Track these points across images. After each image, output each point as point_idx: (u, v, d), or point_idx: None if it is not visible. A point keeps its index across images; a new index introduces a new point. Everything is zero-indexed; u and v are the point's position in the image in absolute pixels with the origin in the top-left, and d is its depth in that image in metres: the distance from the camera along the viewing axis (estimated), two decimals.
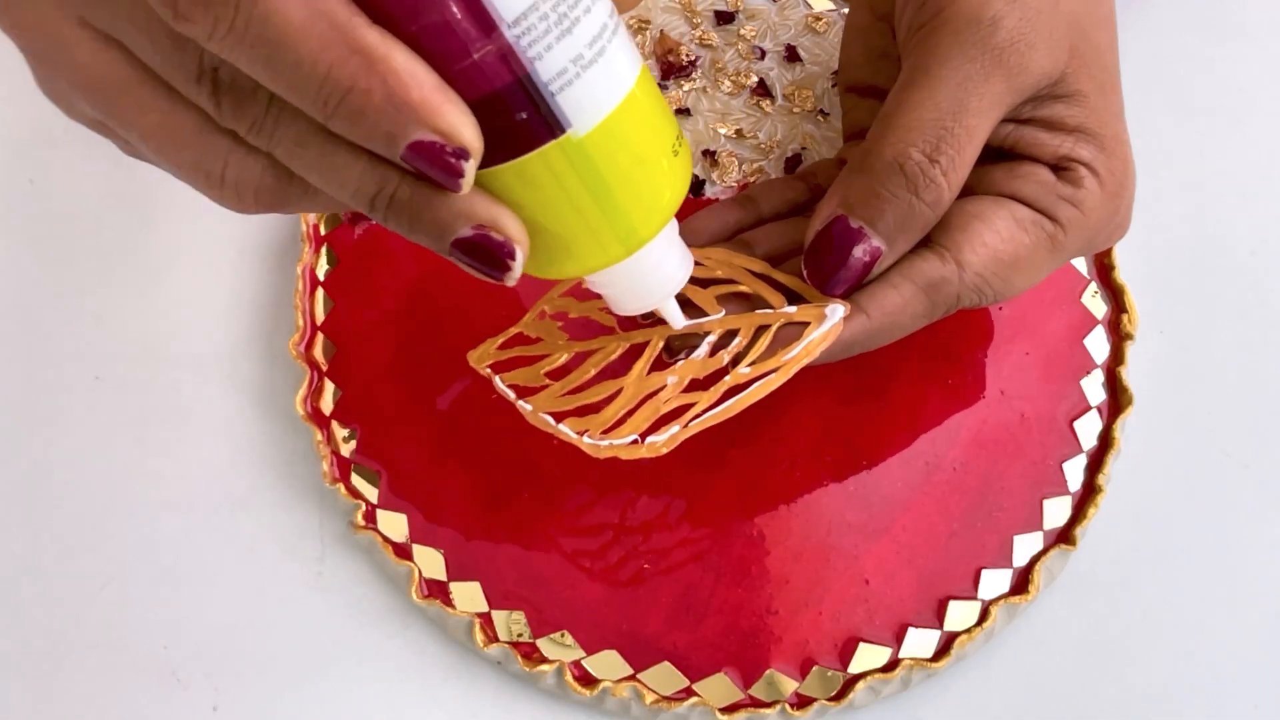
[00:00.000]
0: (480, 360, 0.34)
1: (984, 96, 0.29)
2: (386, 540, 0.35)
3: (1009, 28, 0.29)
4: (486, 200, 0.24)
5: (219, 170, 0.24)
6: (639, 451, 0.30)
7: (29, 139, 0.41)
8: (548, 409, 0.32)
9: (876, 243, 0.30)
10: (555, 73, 0.23)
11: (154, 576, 0.36)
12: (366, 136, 0.22)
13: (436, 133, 0.22)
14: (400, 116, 0.22)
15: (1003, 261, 0.30)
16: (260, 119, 0.23)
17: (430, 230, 0.24)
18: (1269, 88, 0.43)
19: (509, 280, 0.25)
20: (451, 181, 0.23)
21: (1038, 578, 0.34)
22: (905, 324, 0.31)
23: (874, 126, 0.31)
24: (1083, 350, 0.37)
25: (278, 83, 0.22)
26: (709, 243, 0.34)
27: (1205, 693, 0.34)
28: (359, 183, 0.23)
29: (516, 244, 0.24)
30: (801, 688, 0.34)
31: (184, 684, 0.35)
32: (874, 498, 0.35)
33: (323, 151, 0.23)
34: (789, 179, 0.36)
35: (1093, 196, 0.31)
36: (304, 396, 0.36)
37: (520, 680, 0.35)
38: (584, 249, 0.26)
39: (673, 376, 0.31)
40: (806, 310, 0.31)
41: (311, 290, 0.38)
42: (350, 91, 0.22)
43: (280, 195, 0.25)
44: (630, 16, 0.42)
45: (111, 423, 0.38)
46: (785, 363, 0.30)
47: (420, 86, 0.22)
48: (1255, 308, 0.39)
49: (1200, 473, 0.37)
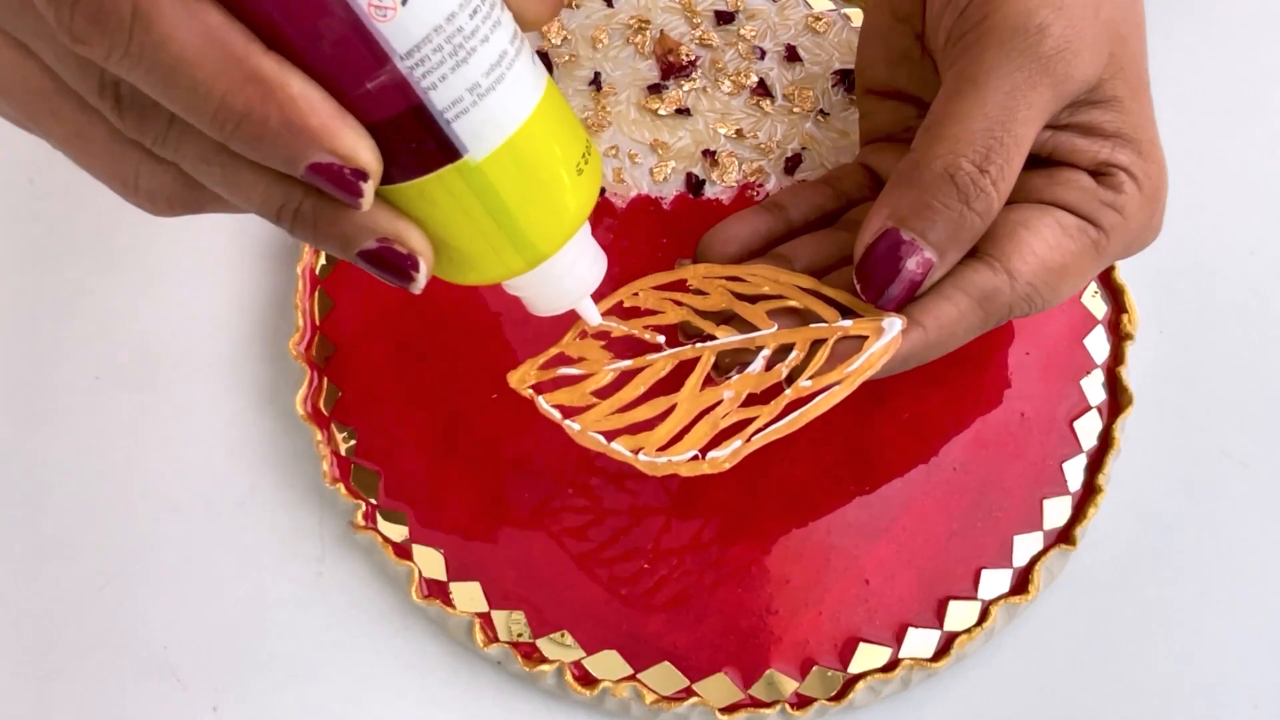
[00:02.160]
0: (521, 382, 0.33)
1: (1032, 106, 0.29)
2: (386, 540, 0.35)
3: (1055, 36, 0.29)
4: (390, 214, 0.25)
5: (132, 179, 0.25)
6: (700, 467, 0.30)
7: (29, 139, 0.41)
8: (596, 428, 0.32)
9: (929, 254, 0.30)
10: (450, 101, 0.23)
11: (154, 576, 0.36)
12: (265, 158, 0.23)
13: (334, 155, 0.22)
14: (298, 140, 0.22)
15: (1051, 270, 0.30)
16: (163, 134, 0.24)
17: (336, 242, 0.25)
18: (1269, 88, 0.43)
19: (414, 289, 0.25)
20: (352, 200, 0.23)
21: (1038, 578, 0.34)
22: (960, 336, 0.31)
23: (919, 136, 0.30)
24: (1083, 350, 0.37)
25: (174, 105, 0.22)
26: (740, 251, 0.34)
27: (1205, 693, 0.34)
28: (264, 197, 0.24)
29: (420, 256, 0.25)
30: (801, 688, 0.34)
31: (184, 684, 0.35)
32: (874, 498, 0.35)
33: (227, 168, 0.24)
34: (814, 184, 0.36)
35: (1133, 201, 0.31)
36: (304, 396, 0.36)
37: (520, 680, 0.35)
38: (486, 263, 0.26)
39: (729, 391, 0.31)
40: (863, 324, 0.30)
41: (311, 290, 0.38)
42: (246, 118, 0.22)
43: (195, 201, 0.25)
44: (630, 16, 0.42)
45: (111, 423, 0.38)
46: (848, 375, 0.29)
47: (317, 112, 0.22)
48: (1255, 308, 0.39)
49: (1200, 473, 0.37)
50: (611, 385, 0.33)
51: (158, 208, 0.26)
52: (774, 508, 0.35)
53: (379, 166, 0.23)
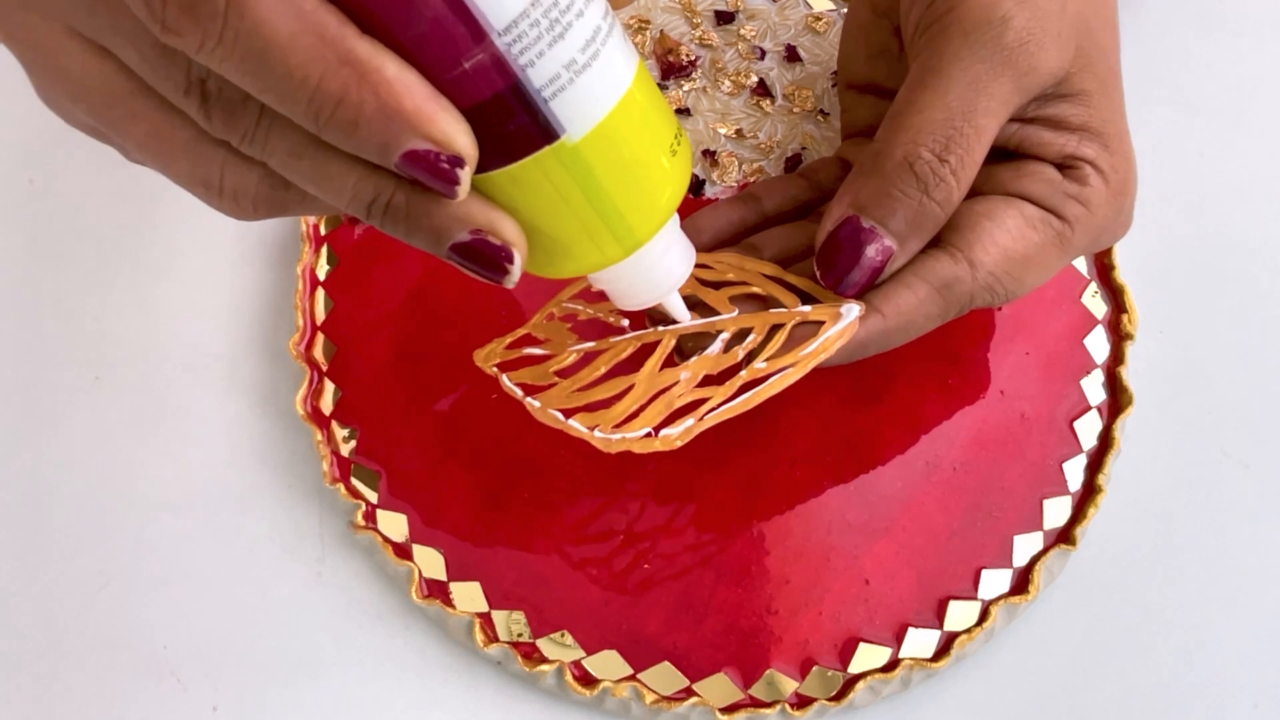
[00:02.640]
0: (487, 360, 0.34)
1: (993, 96, 0.29)
2: (386, 540, 0.35)
3: (1018, 27, 0.29)
4: (483, 205, 0.24)
5: (216, 180, 0.24)
6: (652, 445, 0.30)
7: (29, 139, 0.41)
8: (557, 405, 0.32)
9: (889, 242, 0.30)
10: (548, 79, 0.23)
11: (154, 576, 0.36)
12: (360, 147, 0.22)
13: (430, 141, 0.22)
14: (393, 126, 0.22)
15: (1014, 260, 0.30)
16: (252, 130, 0.23)
17: (428, 236, 0.24)
18: (1269, 88, 0.43)
19: (508, 283, 0.25)
20: (447, 189, 0.23)
21: (1038, 578, 0.34)
22: (919, 324, 0.31)
23: (883, 126, 0.31)
24: (1083, 350, 0.37)
25: (267, 95, 0.22)
26: (713, 241, 0.34)
27: (1205, 692, 0.34)
28: (355, 191, 0.23)
29: (514, 248, 0.24)
30: (801, 688, 0.34)
31: (184, 684, 0.35)
32: (874, 498, 0.35)
33: (317, 161, 0.23)
34: (790, 177, 0.36)
35: (1098, 194, 0.31)
36: (304, 396, 0.36)
37: (520, 680, 0.35)
38: (582, 250, 0.26)
39: (685, 372, 0.31)
40: (821, 310, 0.31)
41: (311, 290, 0.38)
42: (341, 103, 0.21)
43: (279, 202, 0.25)
44: (630, 16, 0.42)
45: (111, 423, 0.38)
46: (801, 358, 0.30)
47: (413, 95, 0.22)
48: (1255, 308, 0.39)
49: (1200, 473, 0.37)
50: (574, 366, 0.33)
51: (242, 210, 0.25)
52: (774, 508, 0.35)
53: (475, 152, 0.23)
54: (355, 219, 0.39)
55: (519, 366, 0.34)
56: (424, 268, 0.38)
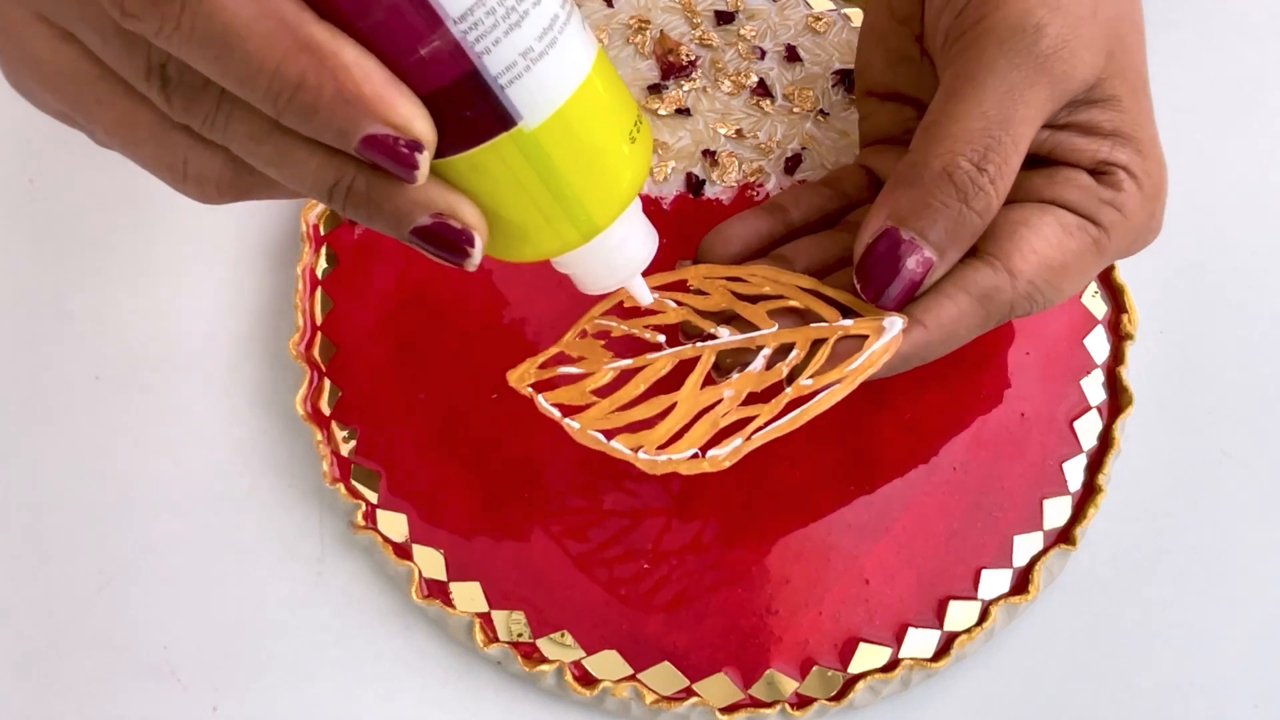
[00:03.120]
0: (521, 380, 0.33)
1: (1030, 104, 0.29)
2: (386, 540, 0.35)
3: (1052, 34, 0.29)
4: (443, 189, 0.24)
5: (180, 165, 0.25)
6: (700, 466, 0.30)
7: (29, 139, 0.41)
8: (596, 426, 0.32)
9: (929, 254, 0.30)
10: (504, 66, 0.23)
11: (154, 576, 0.36)
12: (319, 131, 0.23)
13: (389, 126, 0.22)
14: (352, 111, 0.22)
15: (1053, 268, 0.30)
16: (212, 115, 0.23)
17: (389, 220, 0.24)
18: (1269, 88, 0.43)
19: (469, 265, 0.25)
20: (406, 173, 0.23)
21: (1038, 578, 0.34)
22: (961, 335, 0.31)
23: (918, 136, 0.30)
24: (1083, 350, 0.37)
25: (226, 79, 0.22)
26: (742, 251, 0.34)
27: (1205, 692, 0.34)
28: (316, 176, 0.24)
29: (474, 231, 0.25)
30: (801, 688, 0.34)
31: (184, 684, 0.35)
32: (874, 498, 0.35)
33: (278, 146, 0.23)
34: (815, 185, 0.36)
35: (1133, 199, 0.31)
36: (304, 396, 0.36)
37: (520, 680, 0.35)
38: (540, 236, 0.26)
39: (729, 390, 0.31)
40: (864, 323, 0.30)
41: (311, 290, 0.38)
42: (300, 87, 0.22)
43: (243, 186, 0.25)
44: (630, 16, 0.42)
45: (111, 423, 0.38)
46: (849, 374, 0.29)
47: (371, 81, 0.22)
48: (1255, 308, 0.39)
49: (1200, 473, 0.37)
50: (611, 384, 0.33)
51: (206, 194, 0.25)
52: (774, 508, 0.35)
53: (434, 137, 0.23)
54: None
55: (554, 386, 0.33)
56: (424, 268, 0.38)
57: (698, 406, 0.31)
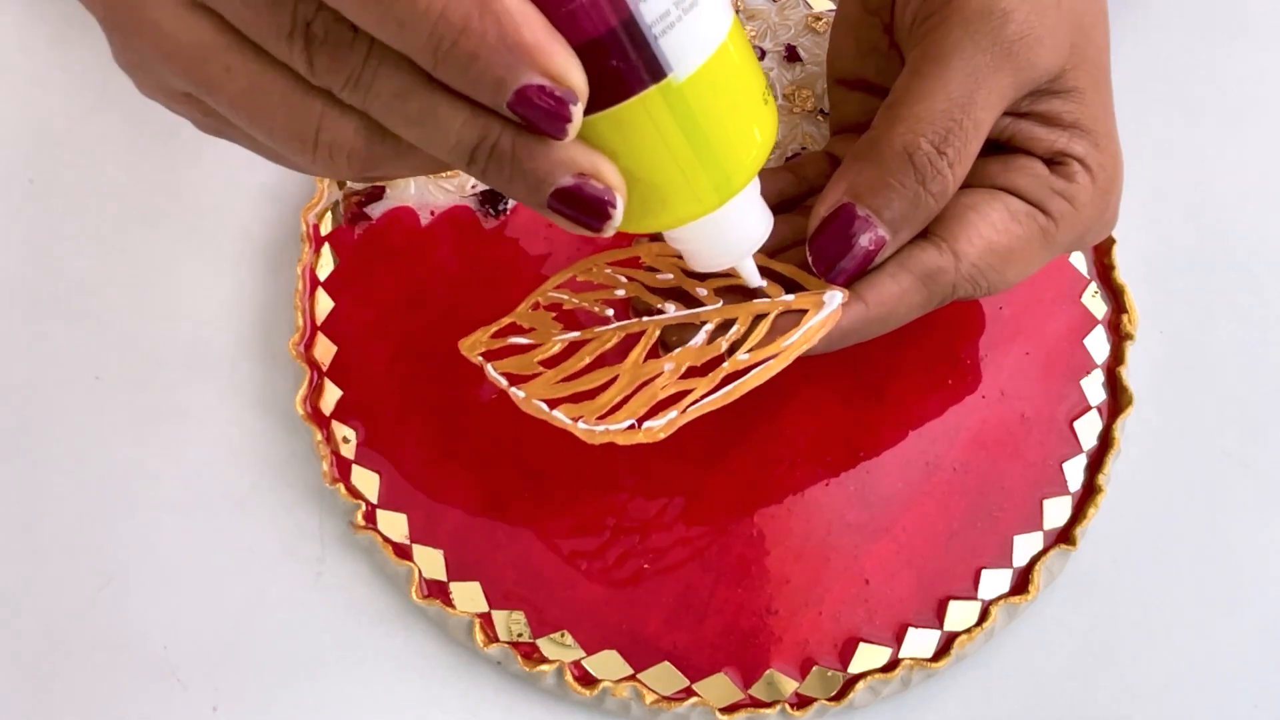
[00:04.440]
0: (472, 348, 0.34)
1: (992, 90, 0.29)
2: (386, 540, 0.35)
3: (1019, 21, 0.29)
4: (586, 149, 0.24)
5: (312, 133, 0.24)
6: (635, 437, 0.30)
7: (29, 139, 0.41)
8: (541, 396, 0.32)
9: (882, 232, 0.30)
10: (658, 15, 0.23)
11: (154, 576, 0.36)
12: (476, 80, 0.22)
13: (546, 76, 0.22)
14: (512, 59, 0.22)
15: (997, 253, 0.31)
16: (358, 72, 0.23)
17: (530, 180, 0.24)
18: (1269, 88, 0.43)
19: (607, 231, 0.25)
20: (557, 127, 0.23)
21: (1038, 578, 0.34)
22: (902, 314, 0.31)
23: (880, 114, 0.31)
24: (1083, 350, 0.37)
25: (386, 25, 0.22)
26: None
27: (1205, 692, 0.34)
28: (460, 134, 0.23)
29: (617, 191, 0.24)
30: (801, 688, 0.34)
31: (184, 684, 0.35)
32: (874, 498, 0.35)
33: (424, 103, 0.23)
34: (777, 170, 0.36)
35: (1085, 191, 0.31)
36: (304, 396, 0.36)
37: (520, 680, 0.35)
38: (679, 198, 0.26)
39: (669, 363, 0.31)
40: (804, 298, 0.31)
41: (311, 290, 0.38)
42: (463, 32, 0.21)
43: (375, 157, 0.25)
44: None
45: (111, 423, 0.38)
46: (784, 349, 0.30)
47: (532, 28, 0.22)
48: (1255, 308, 0.39)
49: (1200, 473, 0.37)
50: (559, 355, 0.33)
51: (336, 165, 0.25)
52: (774, 508, 0.35)
53: (586, 89, 0.23)
54: (354, 218, 0.39)
55: (504, 356, 0.34)
56: (423, 268, 0.38)
57: (639, 379, 0.31)
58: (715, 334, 0.31)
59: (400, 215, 0.39)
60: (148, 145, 0.41)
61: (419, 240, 0.38)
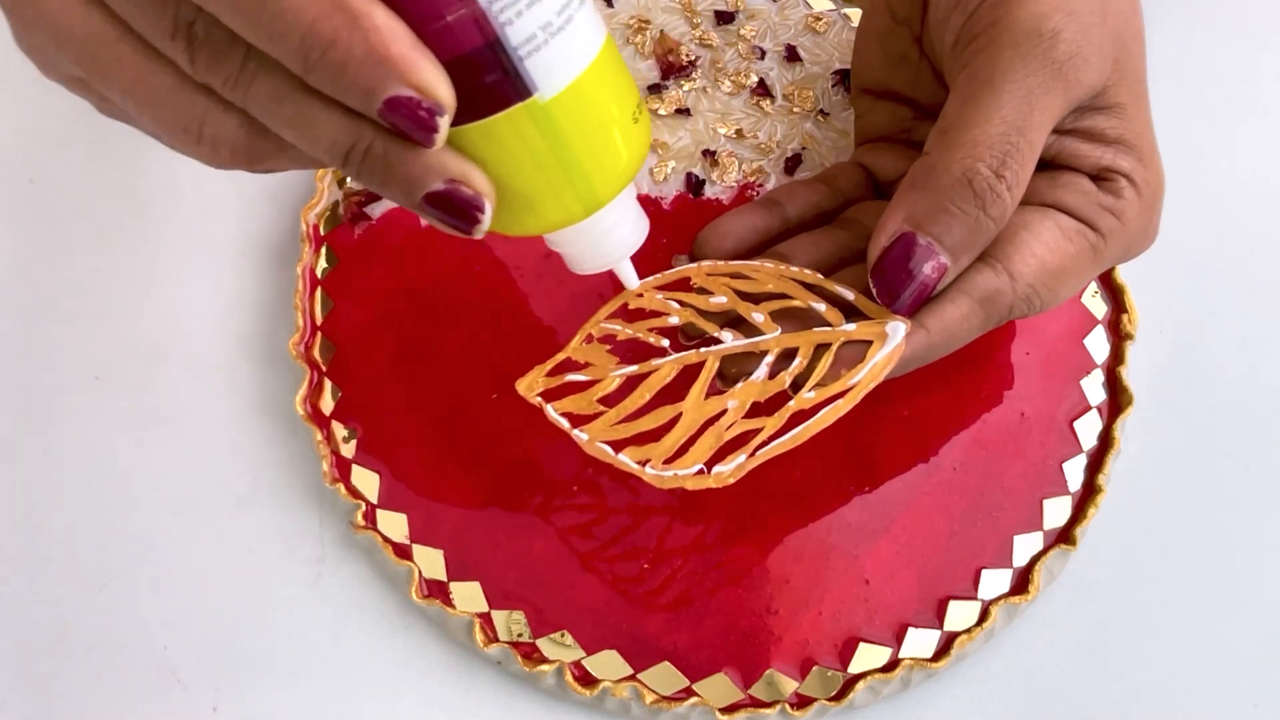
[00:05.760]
0: (530, 389, 0.33)
1: (1045, 111, 0.29)
2: (386, 540, 0.35)
3: (1068, 40, 0.29)
4: (456, 156, 0.25)
5: (196, 126, 0.25)
6: (705, 482, 0.30)
7: (29, 139, 0.41)
8: (604, 438, 0.32)
9: (944, 259, 0.30)
10: (525, 38, 0.24)
11: (154, 576, 0.36)
12: (345, 90, 0.23)
13: (413, 88, 0.23)
14: (380, 72, 0.23)
15: (1051, 271, 0.30)
16: (236, 73, 0.24)
17: (402, 185, 0.25)
18: (1270, 88, 0.43)
19: (477, 233, 0.26)
20: (425, 137, 0.24)
21: (1038, 578, 0.34)
22: (962, 337, 0.31)
23: (933, 139, 0.30)
24: (1083, 350, 0.37)
25: (258, 34, 0.22)
26: (736, 246, 0.34)
27: (1205, 692, 0.34)
28: (334, 138, 0.24)
29: (485, 198, 0.25)
30: (801, 688, 0.34)
31: (184, 684, 0.35)
32: (874, 498, 0.35)
33: (299, 107, 0.24)
34: (811, 182, 0.36)
35: (1132, 206, 0.31)
36: (304, 396, 0.36)
37: (520, 680, 0.35)
38: (546, 207, 0.27)
39: (733, 401, 0.31)
40: (866, 327, 0.30)
41: (311, 290, 0.38)
42: (332, 45, 0.22)
43: (257, 151, 0.26)
44: (631, 16, 0.42)
45: (111, 423, 0.38)
46: (852, 387, 0.30)
47: (399, 43, 0.23)
48: (1255, 308, 0.39)
49: (1200, 473, 0.37)
50: (618, 392, 0.33)
51: (219, 157, 0.26)
52: (774, 508, 0.35)
53: (453, 102, 0.24)
54: (355, 218, 0.39)
55: (562, 395, 0.33)
56: (423, 268, 0.38)
57: (702, 417, 0.31)
58: (776, 366, 0.31)
59: (400, 215, 0.39)
60: (148, 145, 0.41)
61: (419, 240, 0.38)
